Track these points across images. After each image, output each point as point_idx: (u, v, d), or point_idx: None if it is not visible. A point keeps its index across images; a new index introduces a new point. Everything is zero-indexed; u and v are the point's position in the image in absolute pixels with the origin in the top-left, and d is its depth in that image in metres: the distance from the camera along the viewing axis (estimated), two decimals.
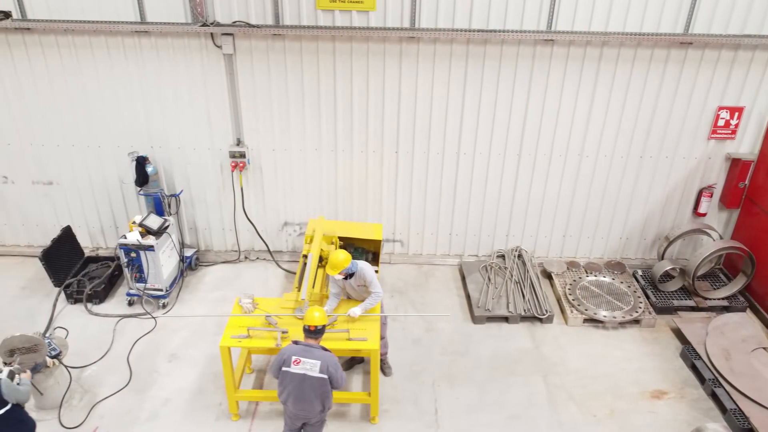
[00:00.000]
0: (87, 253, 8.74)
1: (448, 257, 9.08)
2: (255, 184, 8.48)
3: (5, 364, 5.64)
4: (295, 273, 8.70)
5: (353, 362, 7.05)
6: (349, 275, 6.28)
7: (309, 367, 5.19)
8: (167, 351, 7.30)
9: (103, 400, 6.57)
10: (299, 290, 6.72)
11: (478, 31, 7.34)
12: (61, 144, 8.26)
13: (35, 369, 5.96)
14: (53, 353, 6.17)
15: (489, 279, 8.35)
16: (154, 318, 7.73)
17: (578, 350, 7.42)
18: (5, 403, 4.89)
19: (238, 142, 8.18)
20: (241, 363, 6.61)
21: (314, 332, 5.34)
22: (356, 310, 6.18)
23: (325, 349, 5.32)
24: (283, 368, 5.28)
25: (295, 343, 5.36)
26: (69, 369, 6.49)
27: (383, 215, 8.71)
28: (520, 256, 8.75)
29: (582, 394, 6.79)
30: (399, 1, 7.24)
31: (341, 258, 6.12)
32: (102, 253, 8.96)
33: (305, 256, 7.29)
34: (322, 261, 7.31)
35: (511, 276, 8.32)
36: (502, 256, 8.87)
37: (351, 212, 8.68)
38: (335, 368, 5.26)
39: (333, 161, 8.31)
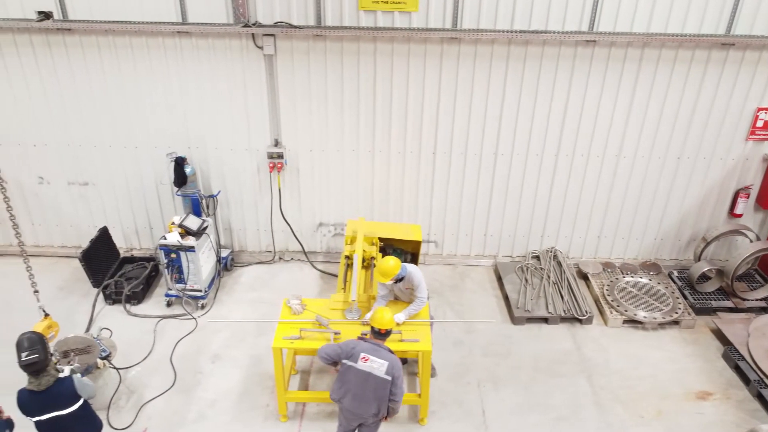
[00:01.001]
0: (121, 253, 8.73)
1: (482, 258, 9.07)
2: (291, 184, 8.48)
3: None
4: (329, 273, 8.75)
5: None
6: (398, 279, 6.27)
7: (376, 366, 5.14)
8: (209, 352, 7.29)
9: (149, 401, 6.56)
10: (345, 291, 6.73)
11: (520, 32, 7.33)
12: (98, 145, 8.25)
13: (87, 370, 5.96)
14: (103, 354, 6.16)
15: (526, 280, 8.34)
16: (195, 319, 7.73)
17: (620, 351, 7.42)
18: (78, 398, 4.90)
19: (276, 143, 8.17)
20: (288, 364, 6.59)
21: (384, 334, 5.32)
22: (400, 317, 6.14)
23: (391, 351, 5.28)
24: (348, 362, 5.21)
25: (363, 339, 5.33)
26: (118, 370, 6.48)
27: (418, 216, 8.71)
28: (555, 256, 8.75)
29: (627, 395, 6.79)
30: (442, 2, 7.23)
31: (391, 264, 6.06)
32: (136, 253, 8.96)
33: (348, 257, 7.31)
34: (363, 262, 7.34)
35: (549, 277, 8.32)
36: (537, 257, 8.87)
37: (386, 213, 8.67)
38: (399, 373, 5.20)
39: (370, 162, 8.30)
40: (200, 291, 7.87)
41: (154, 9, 7.31)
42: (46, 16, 7.43)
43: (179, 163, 7.92)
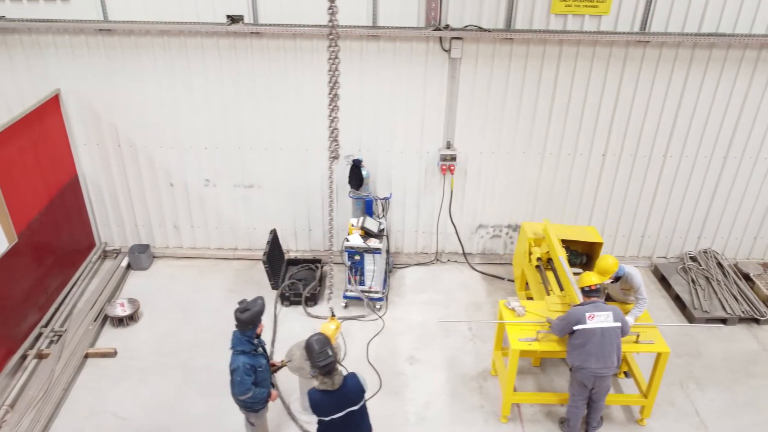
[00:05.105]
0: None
1: (636, 259, 9.13)
2: (457, 186, 8.52)
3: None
4: (490, 275, 8.81)
5: None
6: (616, 279, 6.36)
7: (604, 318, 5.55)
8: (403, 353, 7.34)
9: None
10: (556, 293, 6.79)
11: (708, 35, 7.38)
12: (269, 147, 8.29)
13: None
14: None
15: (692, 280, 8.40)
16: (381, 318, 7.78)
17: None
18: (364, 393, 4.97)
19: (448, 145, 8.22)
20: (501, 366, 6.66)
21: (594, 291, 5.77)
22: (630, 319, 6.19)
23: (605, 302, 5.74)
24: (578, 327, 5.56)
25: (580, 305, 5.72)
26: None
27: (578, 218, 8.77)
28: (714, 257, 8.80)
29: None
30: (632, 6, 7.28)
31: (610, 262, 6.22)
32: (293, 255, 8.99)
33: (539, 259, 7.39)
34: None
35: (719, 280, 8.37)
36: (693, 258, 8.92)
37: (548, 214, 8.69)
38: (623, 315, 5.67)
39: (538, 164, 8.36)
40: (378, 292, 7.91)
41: (345, 12, 7.30)
42: (233, 20, 7.47)
43: (357, 165, 7.95)
